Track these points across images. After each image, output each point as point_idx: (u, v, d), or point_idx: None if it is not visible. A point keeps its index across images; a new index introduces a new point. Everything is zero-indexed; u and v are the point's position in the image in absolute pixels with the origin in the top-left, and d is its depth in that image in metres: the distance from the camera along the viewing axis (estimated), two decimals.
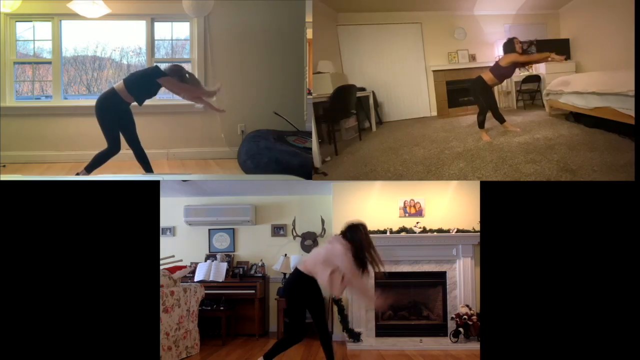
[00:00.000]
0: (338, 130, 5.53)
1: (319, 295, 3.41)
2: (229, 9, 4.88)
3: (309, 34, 4.85)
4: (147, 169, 4.32)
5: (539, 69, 6.41)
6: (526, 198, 3.04)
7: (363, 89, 5.95)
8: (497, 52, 6.63)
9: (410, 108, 6.63)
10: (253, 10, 4.86)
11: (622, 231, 2.93)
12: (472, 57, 6.67)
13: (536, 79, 6.40)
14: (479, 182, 3.39)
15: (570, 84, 5.02)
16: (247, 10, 4.86)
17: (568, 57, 6.27)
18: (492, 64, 6.73)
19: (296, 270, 3.42)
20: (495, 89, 6.78)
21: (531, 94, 6.56)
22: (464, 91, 6.23)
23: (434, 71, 6.54)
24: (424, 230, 5.42)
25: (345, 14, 6.32)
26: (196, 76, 4.99)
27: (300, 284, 3.36)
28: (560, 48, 6.32)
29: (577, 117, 5.11)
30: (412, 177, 4.10)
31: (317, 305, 3.42)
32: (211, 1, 4.72)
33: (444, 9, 6.44)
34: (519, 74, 6.55)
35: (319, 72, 5.48)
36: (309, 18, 4.78)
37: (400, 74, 6.53)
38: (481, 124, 5.04)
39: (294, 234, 5.99)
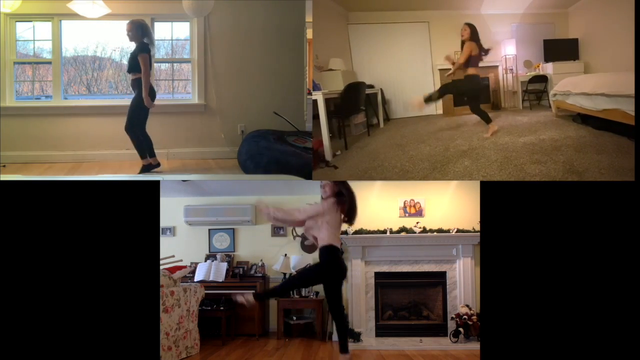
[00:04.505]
0: (348, 126, 5.60)
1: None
2: (229, 9, 4.88)
3: (309, 33, 4.86)
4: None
5: (546, 69, 6.39)
6: (526, 198, 3.04)
7: (372, 86, 6.00)
8: (504, 52, 6.64)
9: None
10: (253, 10, 4.86)
11: (622, 231, 2.93)
12: None
13: (543, 79, 6.37)
14: (479, 182, 3.39)
15: (578, 85, 4.97)
16: (247, 10, 4.87)
17: (577, 57, 6.26)
18: (498, 63, 6.77)
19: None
20: (501, 88, 6.81)
21: (537, 94, 6.54)
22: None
23: (440, 70, 6.57)
24: (424, 230, 5.42)
25: (356, 13, 6.37)
26: (196, 76, 5.02)
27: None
28: (568, 48, 6.31)
29: (584, 119, 5.07)
30: (418, 173, 4.10)
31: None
32: (211, 1, 4.72)
33: (451, 8, 6.49)
34: (526, 74, 6.55)
35: (331, 70, 5.53)
36: (309, 18, 4.79)
37: (408, 72, 6.58)
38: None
39: (294, 234, 5.99)
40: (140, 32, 4.37)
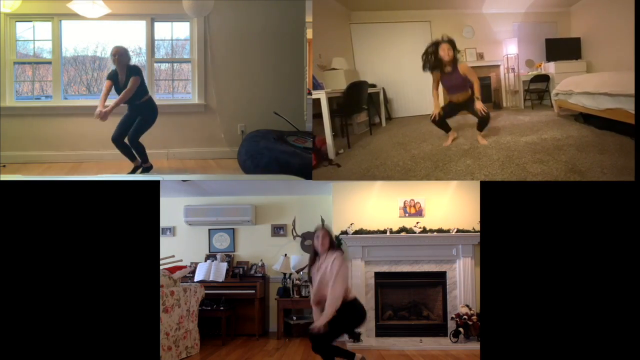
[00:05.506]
0: (350, 125, 5.61)
1: None
2: (229, 9, 4.88)
3: (309, 34, 4.86)
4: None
5: (548, 68, 6.37)
6: (526, 198, 3.04)
7: (374, 86, 6.01)
8: (506, 51, 6.63)
9: (419, 105, 6.69)
10: (253, 10, 4.86)
11: (622, 231, 2.93)
12: (480, 56, 6.71)
13: (545, 78, 6.36)
14: (479, 182, 3.39)
15: (581, 84, 4.95)
16: (247, 10, 4.87)
17: (579, 56, 6.24)
18: (499, 62, 6.74)
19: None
20: (503, 87, 6.79)
21: (539, 93, 6.52)
22: None
23: None
24: (424, 230, 5.42)
25: (358, 12, 6.38)
26: (196, 76, 5.02)
27: None
28: (570, 47, 6.29)
29: (586, 118, 5.05)
30: (420, 171, 4.10)
31: None
32: (211, 1, 4.72)
33: (453, 8, 6.48)
34: (528, 73, 6.53)
35: (333, 69, 5.54)
36: (309, 18, 4.79)
37: (409, 72, 6.59)
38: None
39: (294, 234, 5.99)
40: (126, 57, 4.34)
